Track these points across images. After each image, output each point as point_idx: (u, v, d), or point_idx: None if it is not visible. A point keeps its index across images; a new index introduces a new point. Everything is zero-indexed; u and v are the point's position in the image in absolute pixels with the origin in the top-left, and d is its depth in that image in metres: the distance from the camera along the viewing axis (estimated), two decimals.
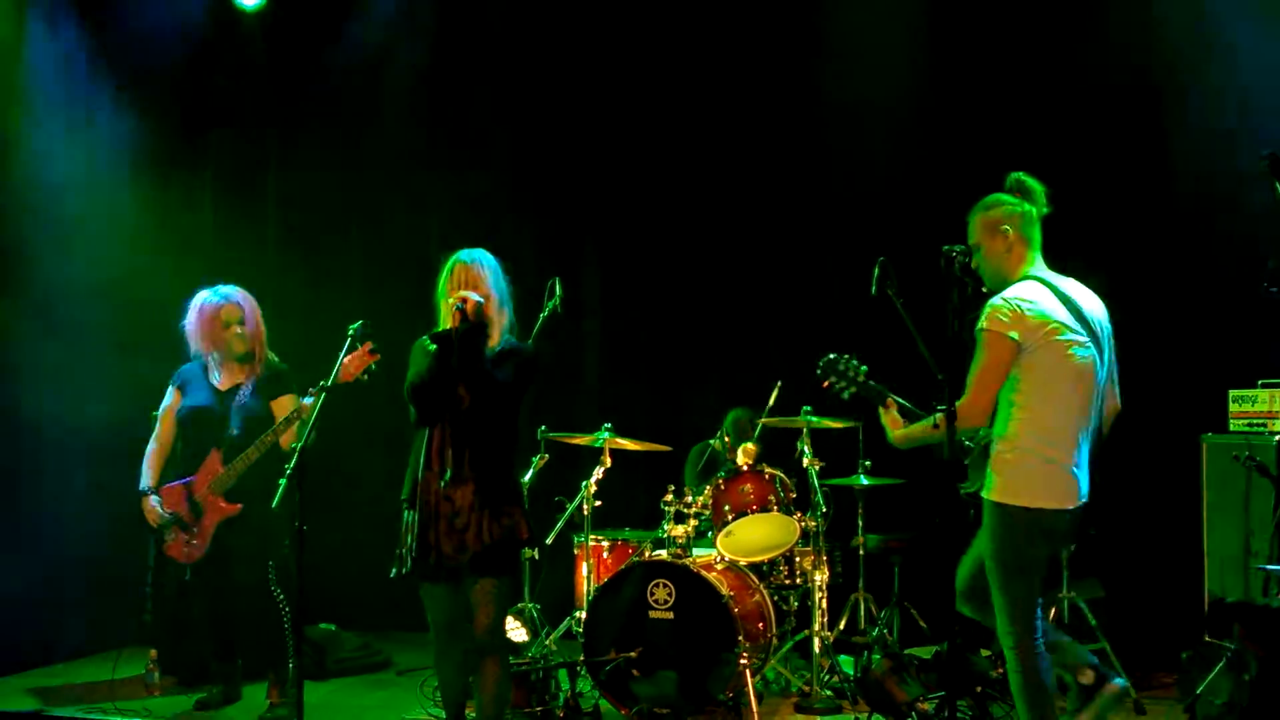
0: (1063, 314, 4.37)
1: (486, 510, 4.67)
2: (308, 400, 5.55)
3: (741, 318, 8.04)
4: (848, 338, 5.18)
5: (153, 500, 5.90)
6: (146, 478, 5.96)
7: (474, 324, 4.64)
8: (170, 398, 6.06)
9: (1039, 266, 4.54)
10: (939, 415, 4.21)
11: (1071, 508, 4.38)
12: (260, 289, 6.21)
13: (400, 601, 6.11)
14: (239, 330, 5.90)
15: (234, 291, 5.98)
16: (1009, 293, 4.39)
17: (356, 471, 7.71)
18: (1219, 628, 5.84)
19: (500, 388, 4.71)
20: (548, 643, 6.61)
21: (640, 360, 8.26)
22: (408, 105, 8.47)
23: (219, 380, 5.98)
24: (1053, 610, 6.25)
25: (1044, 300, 4.36)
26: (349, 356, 5.08)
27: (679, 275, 8.22)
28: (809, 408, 6.36)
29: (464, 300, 4.63)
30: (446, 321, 4.72)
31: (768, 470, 6.44)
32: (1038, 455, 4.31)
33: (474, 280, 4.75)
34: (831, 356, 4.78)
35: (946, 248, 4.31)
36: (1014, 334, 4.30)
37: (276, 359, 6.06)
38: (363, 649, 7.20)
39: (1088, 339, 4.41)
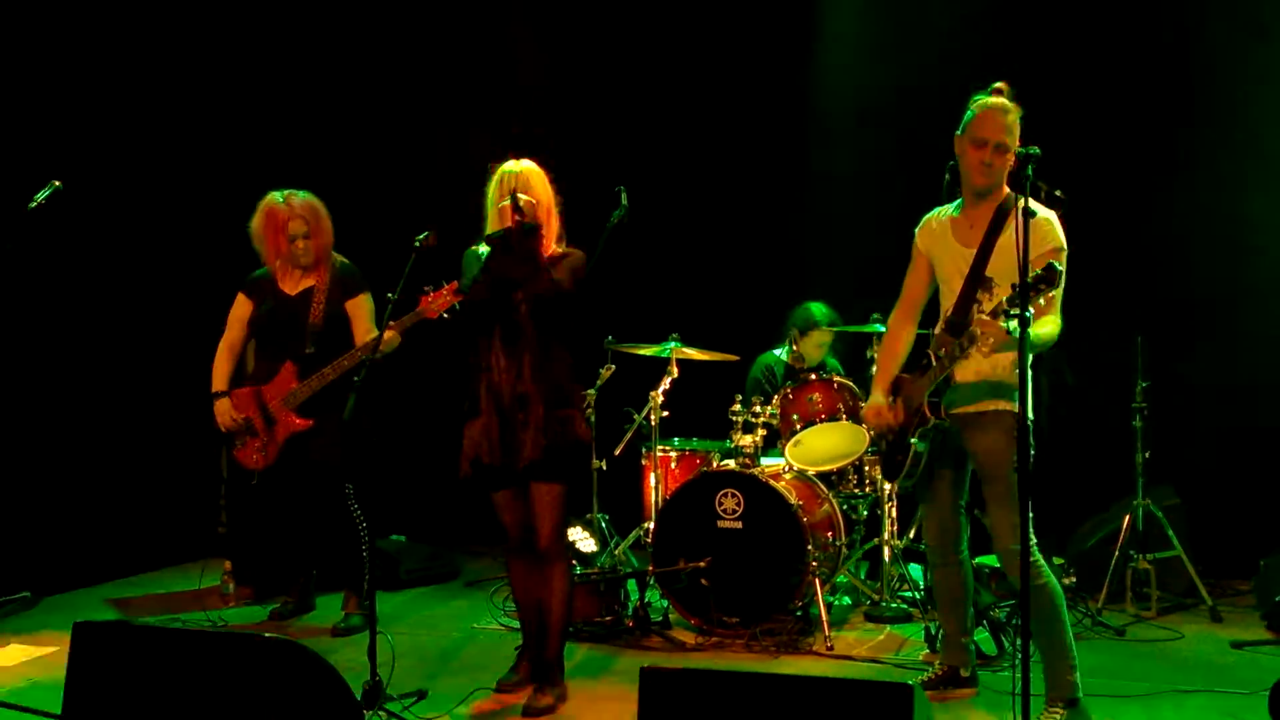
0: None
1: (545, 415, 4.66)
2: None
3: (806, 224, 7.88)
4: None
5: (224, 404, 5.89)
6: (217, 382, 5.93)
7: (528, 224, 4.61)
8: (239, 304, 6.00)
9: None
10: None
11: None
12: None
13: (469, 514, 6.15)
14: (303, 245, 5.83)
15: (302, 200, 5.86)
16: (1048, 214, 4.26)
17: (422, 381, 7.70)
18: None
19: (556, 288, 4.68)
20: (617, 553, 6.62)
21: (708, 268, 8.12)
22: None
23: (288, 286, 5.93)
24: (1126, 518, 6.16)
25: None
26: (433, 294, 5.09)
27: (746, 183, 8.06)
28: (878, 315, 6.23)
29: (516, 197, 4.60)
30: (496, 225, 4.71)
31: (836, 379, 6.37)
32: None
33: (523, 186, 4.71)
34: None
35: (1021, 150, 4.13)
36: None
37: (345, 260, 5.97)
38: (432, 559, 7.26)
39: None
